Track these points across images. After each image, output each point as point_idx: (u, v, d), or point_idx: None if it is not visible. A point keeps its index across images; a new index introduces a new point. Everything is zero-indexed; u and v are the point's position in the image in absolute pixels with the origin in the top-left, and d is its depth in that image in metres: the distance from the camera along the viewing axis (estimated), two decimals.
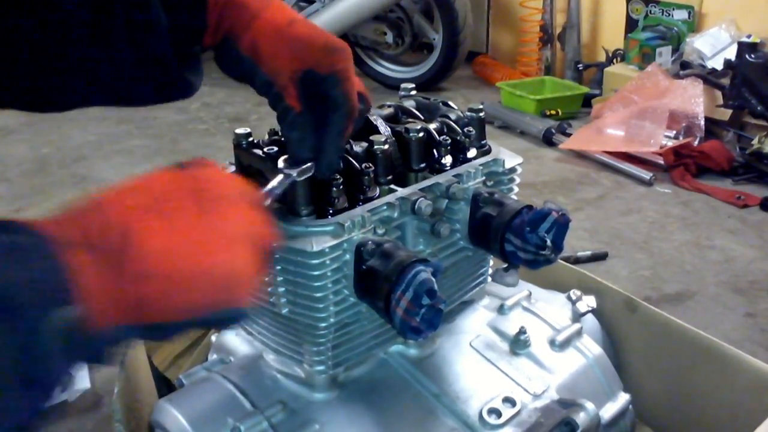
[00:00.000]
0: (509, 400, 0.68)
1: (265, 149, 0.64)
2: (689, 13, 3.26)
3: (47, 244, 0.36)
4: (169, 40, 0.62)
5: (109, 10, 0.59)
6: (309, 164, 0.60)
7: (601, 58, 3.63)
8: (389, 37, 3.69)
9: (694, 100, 2.68)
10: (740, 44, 2.68)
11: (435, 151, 0.70)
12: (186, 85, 0.65)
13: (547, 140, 2.88)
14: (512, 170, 0.74)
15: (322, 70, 0.60)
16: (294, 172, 0.59)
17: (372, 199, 0.64)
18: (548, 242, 0.64)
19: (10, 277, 0.33)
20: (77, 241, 0.37)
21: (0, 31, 0.57)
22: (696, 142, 2.62)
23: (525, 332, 0.75)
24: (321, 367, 0.66)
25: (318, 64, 0.61)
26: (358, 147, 0.65)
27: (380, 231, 0.63)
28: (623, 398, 0.78)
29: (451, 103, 0.76)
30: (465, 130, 0.71)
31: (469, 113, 0.73)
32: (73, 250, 0.36)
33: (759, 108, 2.57)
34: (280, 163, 0.60)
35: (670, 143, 2.61)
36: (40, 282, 0.34)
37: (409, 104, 0.76)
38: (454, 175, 0.68)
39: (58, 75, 0.60)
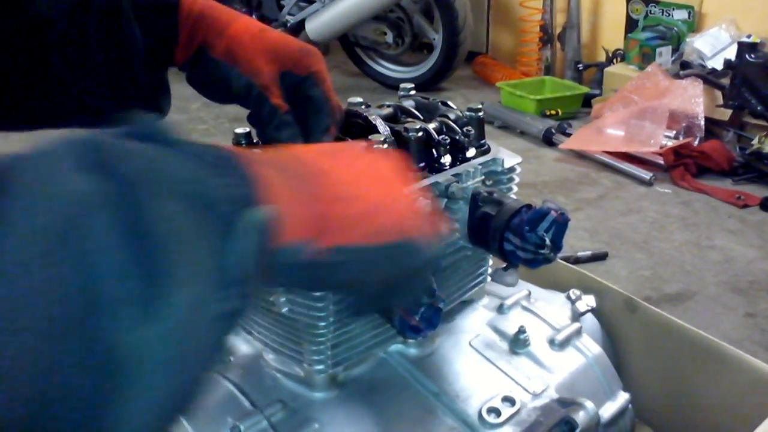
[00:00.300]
0: (509, 399, 0.68)
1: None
2: (689, 13, 3.26)
3: (239, 158, 0.34)
4: (142, 53, 0.61)
5: (83, 18, 0.59)
6: None
7: (601, 58, 3.63)
8: (389, 37, 3.69)
9: (694, 100, 2.68)
10: (740, 44, 2.69)
11: (434, 150, 0.70)
12: (155, 105, 0.65)
13: (547, 140, 2.88)
14: (511, 170, 0.74)
15: (299, 71, 0.61)
16: None
17: None
18: (547, 241, 0.64)
19: (201, 177, 0.31)
20: (269, 163, 0.37)
21: None
22: (696, 142, 2.62)
23: (524, 331, 0.75)
24: (320, 367, 0.66)
25: (295, 65, 0.61)
26: None
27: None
28: (623, 398, 0.78)
29: (450, 102, 0.76)
30: (464, 129, 0.71)
31: (468, 113, 0.73)
32: (265, 168, 0.35)
33: (759, 108, 2.58)
34: None
35: (670, 143, 2.61)
36: (232, 186, 0.32)
37: (409, 104, 0.76)
38: (453, 175, 0.68)
39: (32, 85, 0.60)
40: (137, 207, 0.27)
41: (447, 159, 0.70)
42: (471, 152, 0.72)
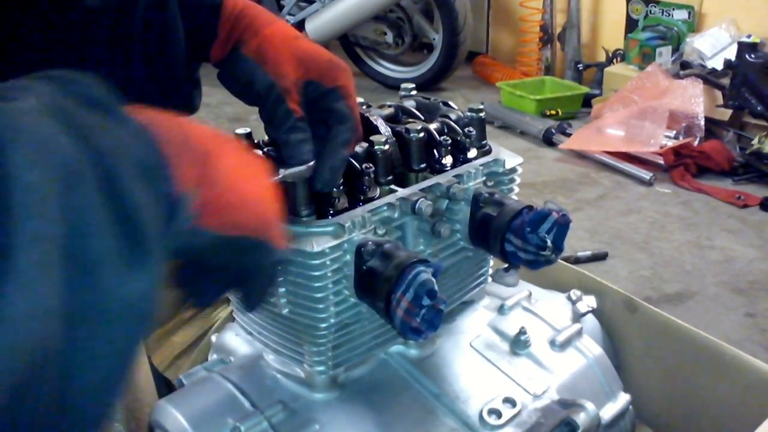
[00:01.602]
0: (509, 401, 0.68)
1: (266, 149, 0.64)
2: (689, 13, 3.26)
3: (155, 137, 0.37)
4: (183, 49, 0.63)
5: (130, 13, 0.61)
6: (311, 163, 0.60)
7: (601, 58, 3.63)
8: (389, 37, 3.69)
9: (694, 100, 2.69)
10: (740, 44, 2.69)
11: (435, 151, 0.70)
12: (189, 99, 0.66)
13: (547, 140, 2.88)
14: (512, 170, 0.74)
15: (326, 82, 0.62)
16: (302, 168, 0.59)
17: (372, 199, 0.64)
18: (549, 243, 0.64)
19: (148, 158, 0.35)
20: (175, 141, 0.39)
21: (23, 28, 0.58)
22: (696, 142, 2.62)
23: (525, 332, 0.75)
24: (321, 368, 0.66)
25: (322, 76, 0.62)
26: (359, 147, 0.65)
27: (381, 231, 0.63)
28: (623, 398, 0.78)
29: (451, 103, 0.76)
30: (465, 130, 0.71)
31: (469, 113, 0.73)
32: (168, 144, 0.38)
33: (759, 108, 2.58)
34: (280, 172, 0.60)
35: (670, 143, 2.61)
36: (163, 167, 0.36)
37: (409, 104, 0.76)
38: (454, 176, 0.68)
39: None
40: (109, 174, 0.31)
41: (448, 160, 0.70)
42: (472, 153, 0.72)
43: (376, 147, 0.65)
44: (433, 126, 0.70)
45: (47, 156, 0.28)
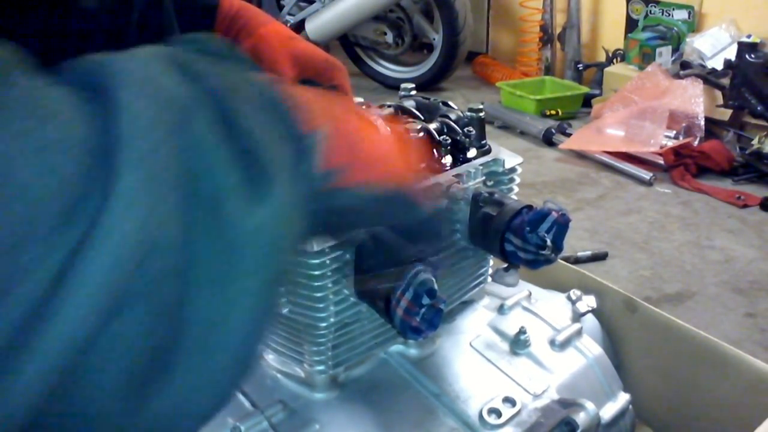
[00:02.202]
0: (509, 400, 0.68)
1: None
2: (689, 13, 3.26)
3: (283, 89, 0.37)
4: None
5: (126, 13, 0.61)
6: None
7: (601, 58, 3.63)
8: (389, 37, 3.69)
9: (694, 100, 2.68)
10: (740, 44, 2.69)
11: (435, 151, 0.70)
12: None
13: (547, 140, 2.88)
14: (512, 170, 0.74)
15: (322, 81, 0.62)
16: None
17: None
18: (548, 242, 0.64)
19: (269, 96, 0.35)
20: (306, 98, 0.39)
21: (19, 30, 0.58)
22: (696, 142, 2.62)
23: (525, 332, 0.75)
24: (321, 367, 0.66)
25: (318, 75, 0.62)
26: None
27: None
28: (623, 398, 0.78)
29: (451, 103, 0.76)
30: (465, 130, 0.71)
31: (469, 113, 0.73)
32: (291, 97, 0.37)
33: (759, 108, 2.58)
34: None
35: (670, 143, 2.61)
36: (292, 109, 0.36)
37: (409, 104, 0.76)
38: (454, 175, 0.68)
39: None
40: (226, 113, 0.30)
41: (448, 159, 0.70)
42: (472, 153, 0.72)
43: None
44: (432, 126, 0.70)
45: (157, 93, 0.28)
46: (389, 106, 0.76)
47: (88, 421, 0.25)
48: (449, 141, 0.70)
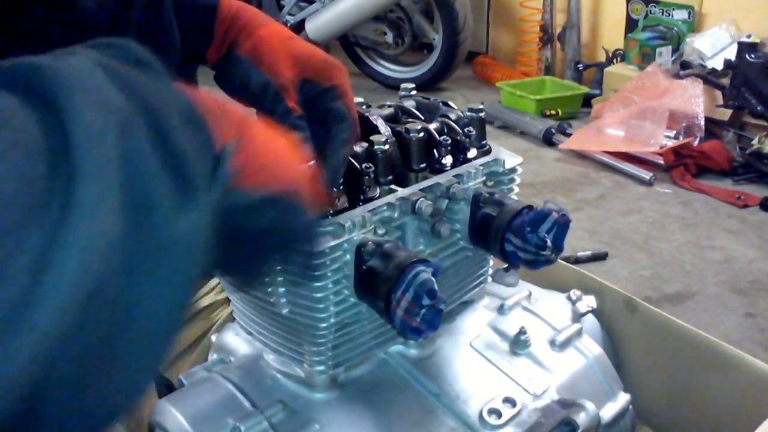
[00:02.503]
0: (509, 400, 0.68)
1: None
2: (689, 13, 3.26)
3: (195, 99, 0.38)
4: (179, 51, 0.63)
5: (126, 15, 0.61)
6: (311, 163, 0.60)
7: (601, 58, 3.63)
8: (389, 37, 3.70)
9: (694, 100, 2.69)
10: (740, 44, 2.69)
11: (435, 151, 0.70)
12: None
13: (547, 140, 2.88)
14: (512, 170, 0.74)
15: (322, 81, 0.62)
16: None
17: (372, 199, 0.64)
18: (548, 242, 0.64)
19: (190, 110, 0.37)
20: (212, 107, 0.40)
21: (18, 31, 0.58)
22: (696, 142, 2.62)
23: (525, 332, 0.75)
24: (321, 367, 0.66)
25: (318, 75, 0.62)
26: (359, 147, 0.65)
27: (380, 231, 0.63)
28: (623, 398, 0.78)
29: (451, 103, 0.76)
30: (465, 130, 0.71)
31: (469, 113, 0.73)
32: (204, 106, 0.39)
33: (759, 108, 2.58)
34: None
35: (670, 143, 2.61)
36: (205, 123, 0.38)
37: (409, 104, 0.76)
38: (454, 176, 0.68)
39: None
40: (157, 125, 0.32)
41: (448, 160, 0.70)
42: (472, 153, 0.72)
43: (376, 147, 0.65)
44: (433, 126, 0.70)
45: (103, 102, 0.29)
46: (389, 106, 0.76)
47: (41, 410, 0.27)
48: (449, 141, 0.70)
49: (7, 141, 0.24)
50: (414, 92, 0.78)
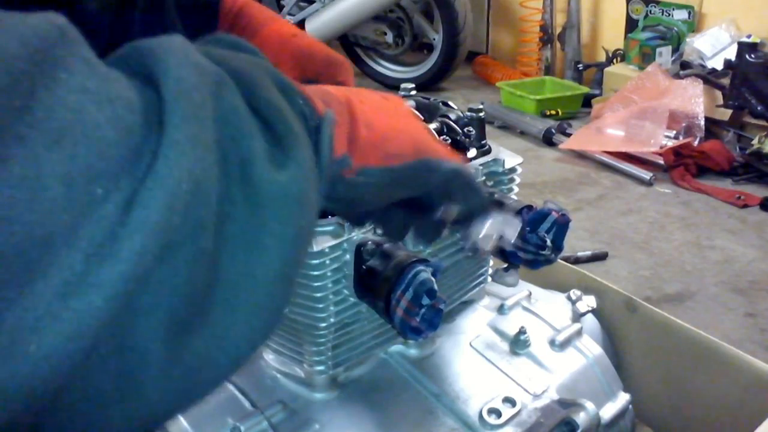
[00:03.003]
0: (509, 400, 0.68)
1: None
2: (689, 13, 3.26)
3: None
4: None
5: (129, 14, 0.61)
6: None
7: (601, 58, 3.63)
8: (389, 37, 3.69)
9: (694, 100, 2.68)
10: (740, 44, 2.69)
11: None
12: None
13: (547, 140, 2.88)
14: (512, 170, 0.74)
15: (324, 80, 0.62)
16: None
17: None
18: (548, 242, 0.64)
19: (282, 78, 0.37)
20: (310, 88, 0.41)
21: None
22: (696, 142, 2.62)
23: (525, 332, 0.75)
24: (321, 367, 0.66)
25: (319, 75, 0.62)
26: None
27: (380, 231, 0.63)
28: (623, 398, 0.78)
29: (451, 103, 0.76)
30: (465, 130, 0.71)
31: (469, 113, 0.73)
32: (310, 90, 0.40)
33: (759, 108, 2.58)
34: None
35: (670, 143, 2.61)
36: (302, 94, 0.39)
37: (409, 104, 0.76)
38: None
39: None
40: (249, 88, 0.33)
41: None
42: (472, 153, 0.72)
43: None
44: (432, 126, 0.70)
45: (195, 64, 0.30)
46: None
47: (134, 362, 0.27)
48: (449, 141, 0.70)
49: (110, 94, 0.26)
50: (414, 92, 0.78)
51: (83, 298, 0.24)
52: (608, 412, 0.75)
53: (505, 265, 0.70)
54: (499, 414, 0.67)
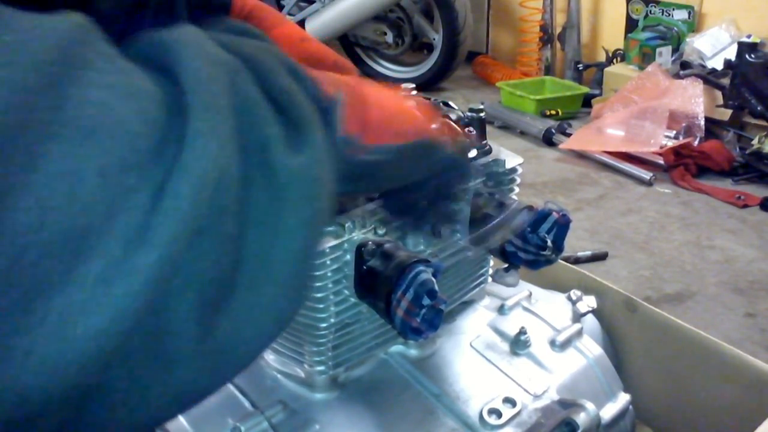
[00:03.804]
0: (509, 401, 0.68)
1: None
2: (689, 13, 3.26)
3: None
4: None
5: (140, 15, 0.61)
6: None
7: (601, 58, 3.63)
8: (389, 37, 3.69)
9: (694, 100, 2.68)
10: (740, 44, 2.69)
11: None
12: None
13: (547, 140, 2.88)
14: (513, 170, 0.74)
15: None
16: None
17: (373, 199, 0.64)
18: (549, 243, 0.64)
19: (291, 64, 0.39)
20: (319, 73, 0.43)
21: None
22: (696, 142, 2.62)
23: (525, 332, 0.75)
24: (321, 368, 0.66)
25: None
26: None
27: (381, 231, 0.63)
28: (623, 398, 0.78)
29: (451, 103, 0.76)
30: (466, 130, 0.71)
31: (469, 113, 0.73)
32: (319, 74, 0.42)
33: (759, 108, 2.58)
34: None
35: (670, 143, 2.61)
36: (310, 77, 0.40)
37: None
38: None
39: None
40: (262, 75, 0.35)
41: None
42: (472, 153, 0.72)
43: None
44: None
45: (209, 55, 0.32)
46: None
47: (169, 343, 0.28)
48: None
49: (133, 88, 0.27)
50: (414, 92, 0.78)
51: (123, 283, 0.25)
52: (608, 412, 0.75)
53: (506, 266, 0.70)
54: (499, 414, 0.67)
